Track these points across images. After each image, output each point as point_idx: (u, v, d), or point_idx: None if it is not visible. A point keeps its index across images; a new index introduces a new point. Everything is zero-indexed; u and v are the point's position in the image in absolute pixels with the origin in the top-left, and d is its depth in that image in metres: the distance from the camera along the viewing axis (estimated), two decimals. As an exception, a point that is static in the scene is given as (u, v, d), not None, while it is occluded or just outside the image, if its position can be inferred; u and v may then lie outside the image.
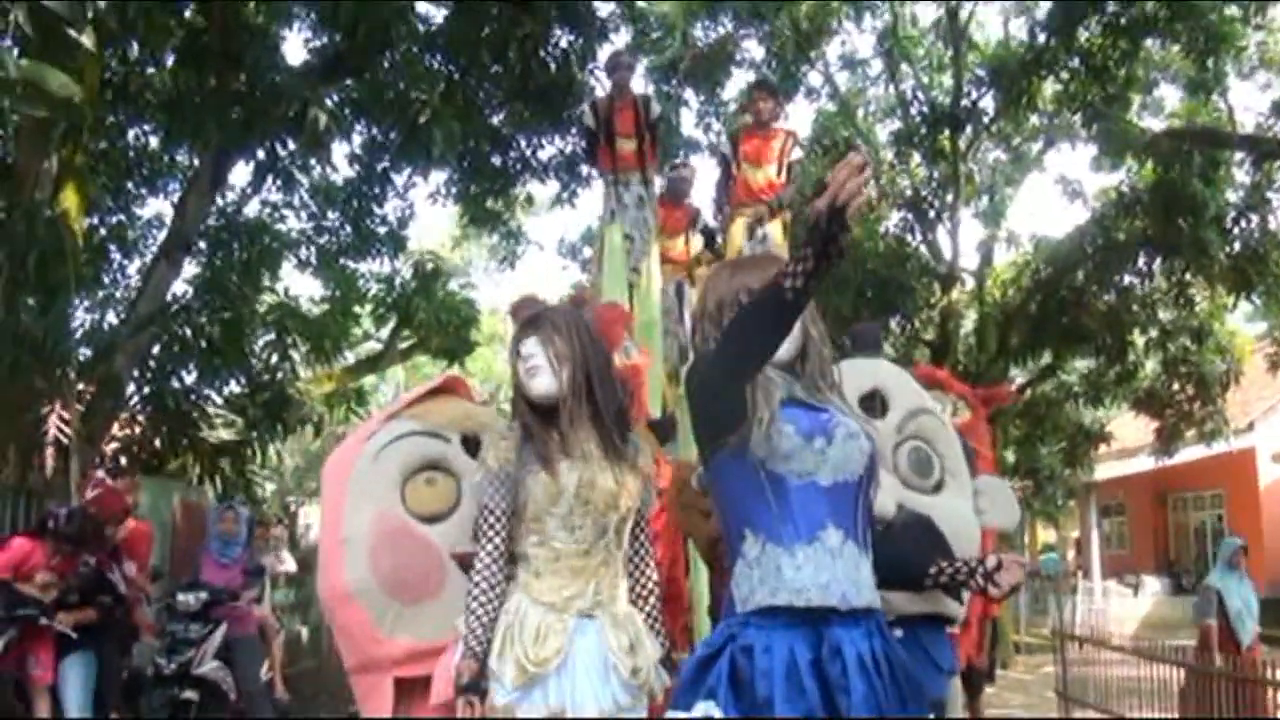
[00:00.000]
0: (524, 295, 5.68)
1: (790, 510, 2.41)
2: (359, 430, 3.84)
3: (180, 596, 7.60)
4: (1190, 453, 17.93)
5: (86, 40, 6.78)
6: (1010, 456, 18.67)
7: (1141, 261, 15.73)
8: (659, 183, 8.30)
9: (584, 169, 14.08)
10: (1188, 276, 15.42)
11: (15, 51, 6.65)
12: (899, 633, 3.32)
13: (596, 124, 7.71)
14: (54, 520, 6.88)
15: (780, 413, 2.43)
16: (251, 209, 14.56)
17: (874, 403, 3.65)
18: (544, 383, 2.97)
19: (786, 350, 2.54)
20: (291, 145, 12.22)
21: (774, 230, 7.38)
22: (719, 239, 7.84)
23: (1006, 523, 4.06)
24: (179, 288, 11.88)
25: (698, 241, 8.25)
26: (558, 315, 3.09)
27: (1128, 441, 20.27)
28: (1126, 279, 16.05)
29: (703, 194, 8.57)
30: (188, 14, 10.96)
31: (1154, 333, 16.58)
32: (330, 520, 3.52)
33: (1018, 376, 18.05)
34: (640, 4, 15.16)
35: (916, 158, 17.25)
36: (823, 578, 2.37)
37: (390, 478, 3.50)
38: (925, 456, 3.64)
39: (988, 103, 16.53)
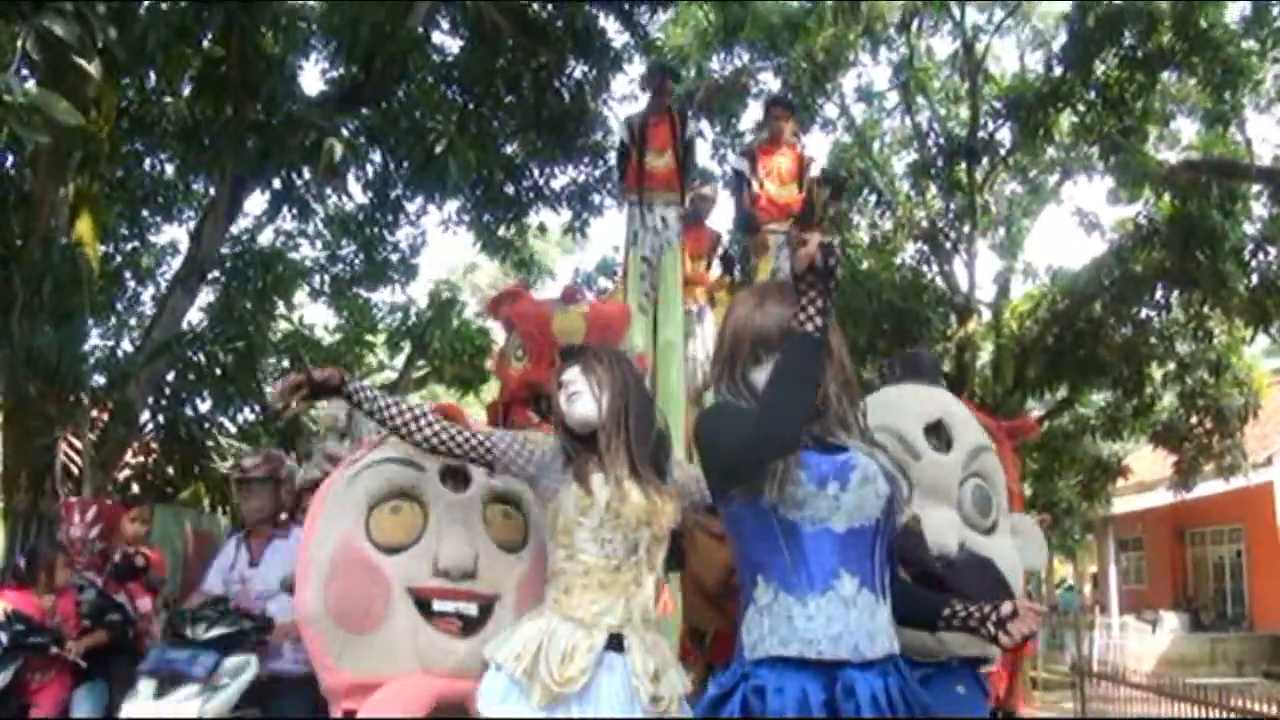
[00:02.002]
0: (504, 288, 5.57)
1: (803, 558, 2.36)
2: (352, 455, 3.82)
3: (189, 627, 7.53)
4: (1208, 487, 17.77)
5: (93, 69, 6.79)
6: (1027, 490, 18.54)
7: (1159, 294, 15.67)
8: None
9: (597, 198, 14.15)
10: (1206, 309, 15.33)
11: (26, 79, 6.68)
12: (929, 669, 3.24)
13: (631, 140, 7.55)
14: (15, 567, 6.87)
15: (793, 458, 2.39)
16: (266, 237, 14.65)
17: (939, 434, 3.57)
18: (584, 408, 3.00)
19: None
20: (307, 174, 12.28)
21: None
22: (752, 263, 7.71)
23: (1037, 564, 3.99)
24: (193, 315, 11.93)
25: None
26: (600, 350, 3.14)
27: (1145, 475, 20.13)
28: (1144, 311, 15.97)
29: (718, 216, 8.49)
30: (205, 44, 11.01)
31: (1172, 366, 16.49)
32: (304, 541, 3.51)
33: (1034, 409, 17.95)
34: (655, 35, 15.20)
35: (933, 189, 17.24)
36: (834, 629, 2.32)
37: (357, 503, 3.46)
38: (986, 496, 3.56)
39: (1004, 135, 16.53)
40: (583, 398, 3.00)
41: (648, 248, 7.25)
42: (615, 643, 2.86)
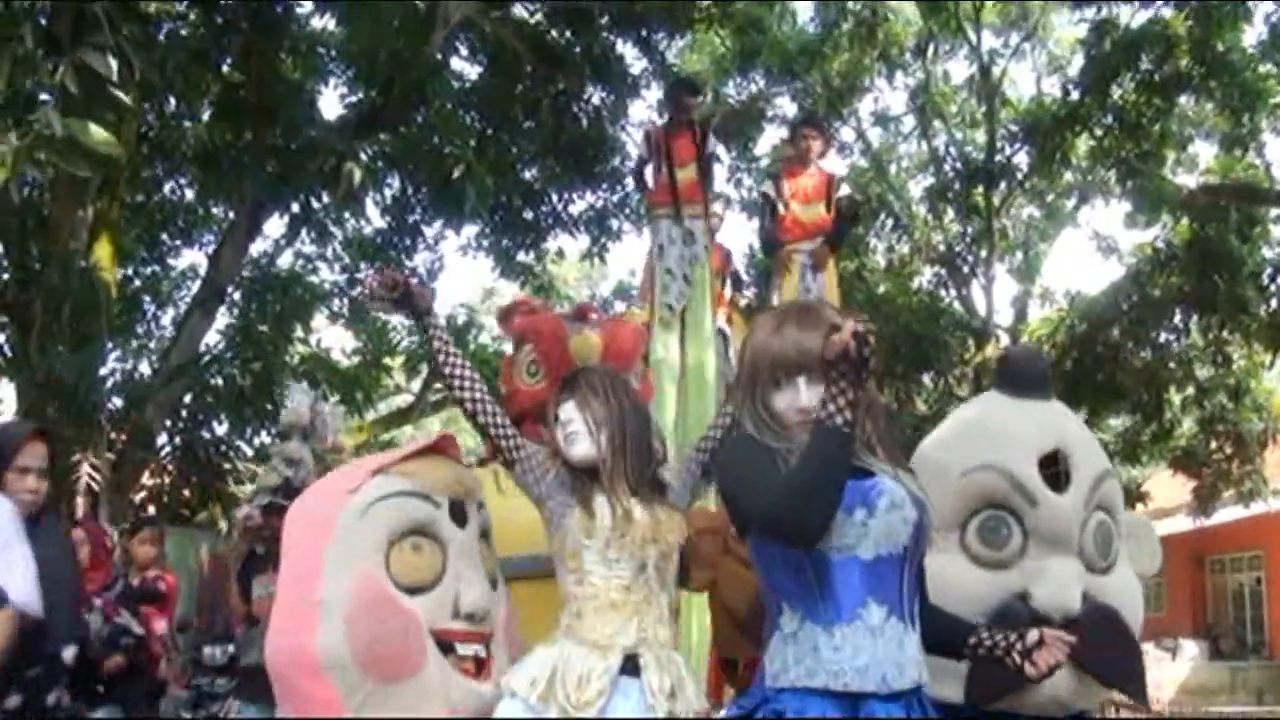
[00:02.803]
0: (514, 299, 5.48)
1: (829, 587, 2.32)
2: (338, 479, 3.48)
3: (206, 650, 7.49)
4: (1228, 513, 17.62)
5: (129, 100, 6.89)
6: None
7: (1178, 318, 15.60)
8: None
9: (615, 223, 14.18)
10: (1225, 334, 15.26)
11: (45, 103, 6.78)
12: None
13: (654, 153, 7.45)
14: None
15: None
16: (284, 260, 14.71)
17: (1056, 468, 3.09)
18: (583, 449, 2.97)
19: None
20: (326, 198, 12.33)
21: (825, 277, 7.28)
22: (774, 281, 7.58)
23: (1151, 568, 3.56)
24: (211, 338, 11.97)
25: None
26: (595, 377, 3.08)
27: (1164, 501, 19.96)
28: (1163, 336, 15.90)
29: (728, 237, 8.43)
30: (224, 69, 11.09)
31: (1191, 390, 16.38)
32: (303, 575, 3.21)
33: (1052, 434, 17.86)
34: (672, 61, 15.26)
35: (950, 213, 17.23)
36: (861, 660, 2.29)
37: (377, 539, 3.20)
38: (1108, 531, 3.14)
39: (1021, 158, 16.52)
40: (580, 438, 2.97)
41: (672, 260, 7.13)
42: (630, 665, 2.84)
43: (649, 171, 7.56)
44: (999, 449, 3.07)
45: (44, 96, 8.94)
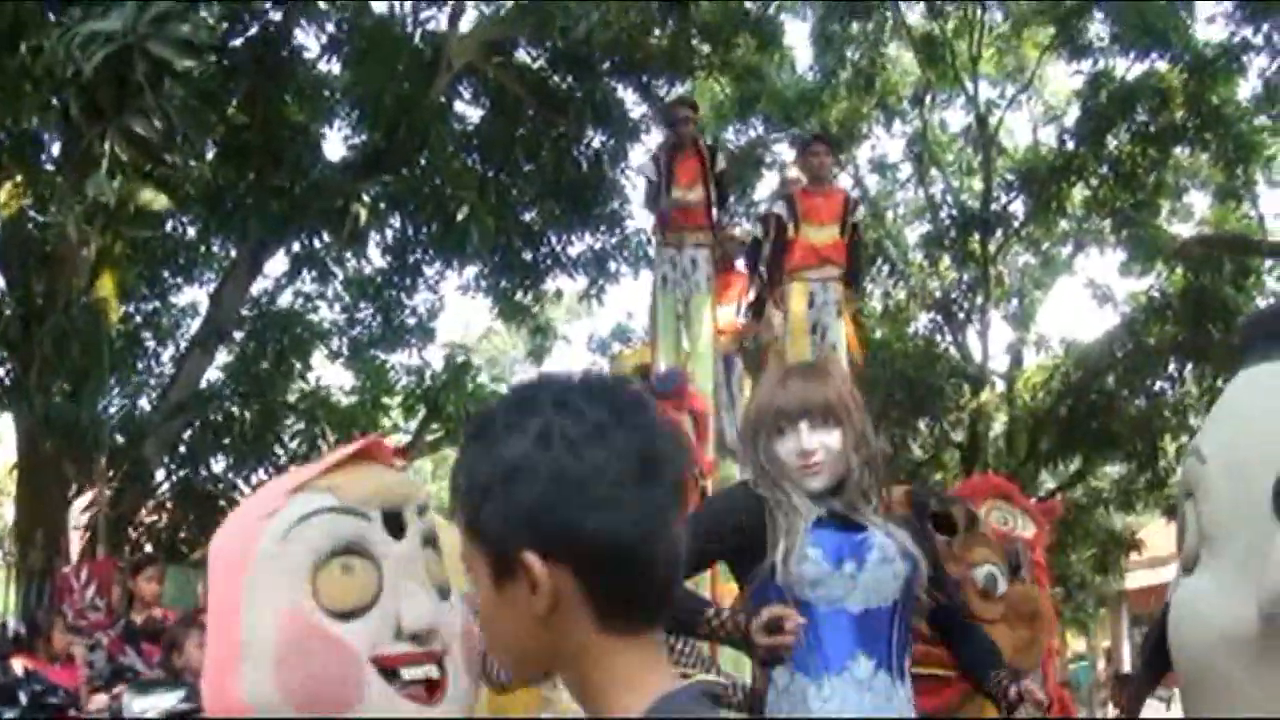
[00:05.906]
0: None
1: (818, 639, 2.36)
2: (254, 503, 2.89)
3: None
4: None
5: (174, 159, 7.02)
6: (1040, 562, 18.33)
7: (1172, 367, 15.67)
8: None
9: (613, 265, 14.24)
10: (1219, 382, 15.30)
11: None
12: None
13: (658, 175, 7.17)
14: (16, 634, 6.92)
15: (807, 537, 2.38)
16: (285, 299, 14.73)
17: None
18: None
19: (822, 482, 2.46)
20: (327, 238, 12.40)
21: (840, 329, 6.92)
22: (771, 310, 7.07)
23: None
24: (212, 375, 11.99)
25: None
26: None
27: (1159, 550, 19.90)
28: (1157, 384, 15.96)
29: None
30: (230, 110, 11.18)
31: (1185, 439, 16.40)
32: (223, 614, 2.73)
33: (1047, 481, 17.88)
34: (672, 106, 15.40)
35: (946, 260, 17.30)
36: (848, 712, 2.32)
37: (300, 565, 2.71)
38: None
39: (1017, 207, 16.64)
40: None
41: (680, 291, 6.95)
42: None
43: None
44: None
45: (47, 134, 9.06)
